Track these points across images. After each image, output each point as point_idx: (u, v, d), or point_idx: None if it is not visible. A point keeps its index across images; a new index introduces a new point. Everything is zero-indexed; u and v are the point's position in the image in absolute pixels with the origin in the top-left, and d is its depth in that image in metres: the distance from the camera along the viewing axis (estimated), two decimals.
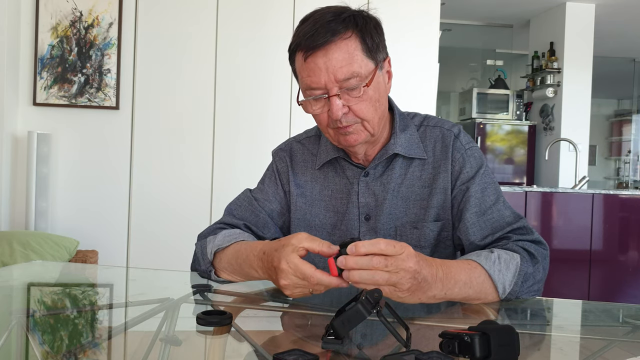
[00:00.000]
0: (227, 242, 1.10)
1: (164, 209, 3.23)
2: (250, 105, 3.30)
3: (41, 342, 0.76)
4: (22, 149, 3.12)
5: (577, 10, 5.63)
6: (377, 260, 0.81)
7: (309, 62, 1.04)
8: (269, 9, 3.29)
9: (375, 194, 1.17)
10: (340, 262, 0.82)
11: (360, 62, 1.04)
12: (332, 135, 1.12)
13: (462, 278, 0.95)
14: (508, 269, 1.00)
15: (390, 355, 0.66)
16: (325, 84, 1.04)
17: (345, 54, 1.03)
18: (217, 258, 1.11)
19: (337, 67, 1.03)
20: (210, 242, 1.13)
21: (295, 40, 1.07)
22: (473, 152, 1.16)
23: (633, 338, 0.92)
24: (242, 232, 1.16)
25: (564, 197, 3.87)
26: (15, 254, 2.62)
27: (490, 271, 0.98)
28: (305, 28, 1.05)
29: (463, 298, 0.96)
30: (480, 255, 1.02)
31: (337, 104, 1.04)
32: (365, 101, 1.06)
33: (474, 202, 1.11)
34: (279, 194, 1.24)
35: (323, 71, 1.03)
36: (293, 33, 1.09)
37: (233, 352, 0.77)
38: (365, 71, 1.05)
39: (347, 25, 1.04)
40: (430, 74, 3.44)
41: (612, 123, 9.70)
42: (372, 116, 1.08)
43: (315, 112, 1.09)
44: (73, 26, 3.15)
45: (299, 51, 1.06)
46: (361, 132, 1.09)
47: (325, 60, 1.03)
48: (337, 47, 1.03)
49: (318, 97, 1.06)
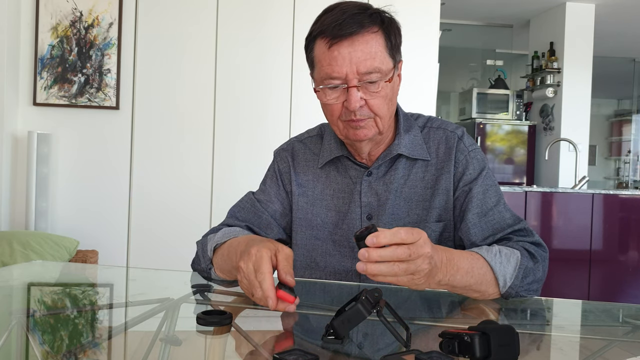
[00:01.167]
0: (226, 237, 1.10)
1: (164, 209, 3.23)
2: (250, 105, 3.30)
3: (41, 342, 0.76)
4: (22, 149, 3.12)
5: (577, 10, 5.63)
6: (402, 250, 0.79)
7: (333, 51, 1.04)
8: (269, 9, 3.29)
9: (377, 193, 1.17)
10: (362, 255, 0.78)
11: (383, 59, 1.05)
12: (340, 128, 1.12)
13: (464, 266, 0.95)
14: (509, 262, 1.01)
15: (390, 355, 0.66)
16: (346, 75, 1.04)
17: (371, 48, 1.04)
18: (214, 254, 1.12)
19: (361, 60, 1.03)
20: (211, 240, 1.14)
21: (319, 27, 1.07)
22: (476, 155, 1.17)
23: (633, 338, 0.92)
24: (242, 230, 1.17)
25: (564, 197, 3.87)
26: (15, 254, 2.62)
27: (491, 263, 0.99)
28: (332, 17, 1.05)
29: (465, 287, 0.96)
30: (481, 248, 1.03)
31: (356, 96, 1.04)
32: (381, 97, 1.07)
33: (475, 203, 1.12)
34: (281, 194, 1.24)
35: (347, 61, 1.03)
36: (314, 21, 1.09)
37: (233, 352, 0.77)
38: (386, 68, 1.06)
39: (374, 20, 1.06)
40: (430, 74, 3.44)
41: (612, 123, 9.70)
42: (385, 113, 1.09)
43: (330, 102, 1.08)
44: (73, 26, 3.15)
45: (322, 39, 1.06)
46: (372, 128, 1.09)
47: (350, 51, 1.03)
48: (364, 39, 1.04)
49: (336, 87, 1.06)
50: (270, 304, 0.83)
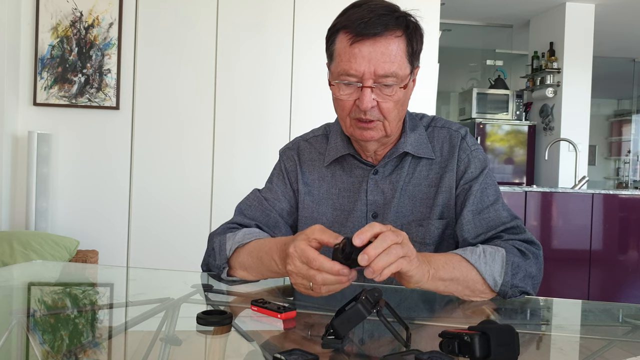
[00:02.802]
0: (247, 239, 1.10)
1: (164, 209, 3.23)
2: (250, 105, 3.30)
3: (41, 342, 0.76)
4: (22, 149, 3.12)
5: (577, 10, 5.63)
6: (388, 234, 0.82)
7: (354, 48, 1.04)
8: (269, 9, 3.29)
9: (384, 192, 1.18)
10: (362, 260, 0.80)
11: (401, 64, 1.06)
12: (347, 125, 1.12)
13: (442, 258, 0.98)
14: (494, 261, 1.02)
15: (390, 355, 0.66)
16: (363, 74, 1.04)
17: (391, 52, 1.04)
18: (236, 254, 1.10)
19: (381, 62, 1.03)
20: (231, 239, 1.13)
21: (344, 22, 1.06)
22: (478, 154, 1.18)
23: (633, 338, 0.92)
24: (262, 232, 1.17)
25: (563, 197, 3.87)
26: (16, 254, 2.62)
27: (475, 264, 1.00)
28: (358, 13, 1.05)
29: (452, 279, 0.97)
30: (465, 250, 1.04)
31: (369, 96, 1.05)
32: (394, 102, 1.07)
33: (472, 201, 1.13)
34: (288, 193, 1.24)
35: (366, 61, 1.03)
36: (340, 13, 1.09)
37: (233, 352, 0.77)
38: (403, 74, 1.06)
39: (400, 24, 1.06)
40: (430, 74, 3.44)
41: (612, 123, 9.71)
42: (394, 117, 1.10)
43: (342, 98, 1.09)
44: (73, 26, 3.15)
45: (345, 33, 1.06)
46: (379, 130, 1.10)
47: (371, 51, 1.03)
48: (387, 42, 1.04)
49: (350, 84, 1.06)
50: (344, 274, 0.83)
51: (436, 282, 0.95)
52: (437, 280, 0.95)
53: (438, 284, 0.96)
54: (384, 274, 0.82)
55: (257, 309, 0.88)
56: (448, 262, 0.98)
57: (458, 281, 0.98)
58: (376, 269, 0.80)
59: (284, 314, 0.85)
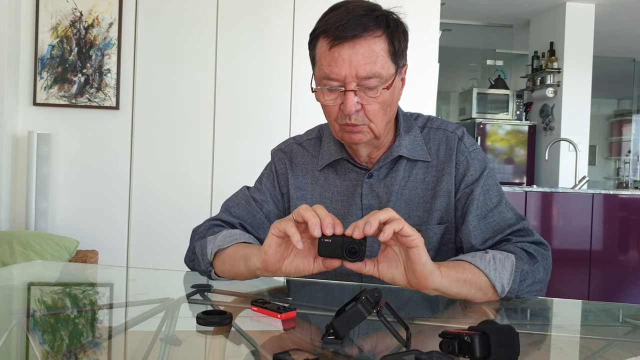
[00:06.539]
0: (227, 242, 1.09)
1: (164, 209, 3.22)
2: (250, 105, 3.30)
3: (41, 342, 0.76)
4: (22, 149, 3.12)
5: (577, 10, 5.63)
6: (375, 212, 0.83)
7: (334, 52, 1.02)
8: (269, 9, 3.29)
9: (379, 195, 1.16)
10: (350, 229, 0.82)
11: (384, 64, 1.03)
12: (336, 130, 1.11)
13: (453, 264, 0.97)
14: (504, 268, 1.00)
15: (390, 355, 0.66)
16: (344, 77, 1.02)
17: (372, 52, 1.01)
18: (218, 258, 1.10)
19: (361, 64, 1.01)
20: (211, 243, 1.12)
21: (323, 26, 1.05)
22: (477, 155, 1.15)
23: (633, 338, 0.92)
24: (243, 234, 1.15)
25: (564, 197, 3.87)
26: (15, 254, 2.62)
27: (485, 270, 0.98)
28: (336, 16, 1.03)
29: (465, 279, 0.95)
30: (475, 256, 1.02)
31: (352, 100, 1.03)
32: (379, 103, 1.05)
33: (476, 205, 1.11)
34: (277, 196, 1.23)
35: (346, 64, 1.01)
36: (320, 18, 1.07)
37: (233, 352, 0.77)
38: (386, 74, 1.04)
39: (379, 23, 1.03)
40: (430, 74, 3.44)
41: (612, 123, 9.71)
42: (381, 119, 1.07)
43: (327, 103, 1.07)
44: (73, 26, 3.15)
45: (324, 38, 1.04)
46: (367, 133, 1.08)
47: (350, 54, 1.01)
48: (366, 43, 1.01)
49: (333, 89, 1.04)
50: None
51: (450, 282, 0.92)
52: (451, 280, 0.92)
53: (453, 285, 0.92)
54: (386, 230, 0.81)
55: (257, 309, 0.88)
56: (458, 265, 0.97)
57: (471, 282, 0.96)
58: (372, 219, 0.80)
59: (283, 314, 0.85)
